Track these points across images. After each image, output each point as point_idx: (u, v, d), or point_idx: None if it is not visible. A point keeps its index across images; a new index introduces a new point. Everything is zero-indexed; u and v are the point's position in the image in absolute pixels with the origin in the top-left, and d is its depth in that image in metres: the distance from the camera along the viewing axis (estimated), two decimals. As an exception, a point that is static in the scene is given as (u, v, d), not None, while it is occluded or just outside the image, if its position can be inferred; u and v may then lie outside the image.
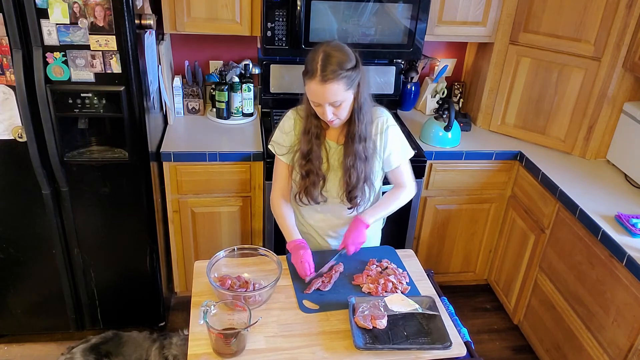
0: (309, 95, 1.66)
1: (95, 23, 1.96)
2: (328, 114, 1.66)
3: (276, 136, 1.86)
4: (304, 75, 1.65)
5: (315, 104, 1.66)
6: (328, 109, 1.65)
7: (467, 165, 2.74)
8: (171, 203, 2.59)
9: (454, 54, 3.17)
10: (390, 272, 1.79)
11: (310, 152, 1.76)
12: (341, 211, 1.91)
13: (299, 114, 1.82)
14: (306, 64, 1.65)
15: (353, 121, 1.73)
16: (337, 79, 1.59)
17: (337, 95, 1.62)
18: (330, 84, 1.59)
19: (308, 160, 1.77)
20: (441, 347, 1.51)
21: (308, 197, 1.81)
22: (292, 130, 1.82)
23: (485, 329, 2.91)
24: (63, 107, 2.08)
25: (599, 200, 2.32)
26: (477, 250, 3.03)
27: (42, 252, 2.37)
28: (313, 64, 1.61)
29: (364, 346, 1.49)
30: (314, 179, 1.78)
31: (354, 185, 1.79)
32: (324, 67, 1.59)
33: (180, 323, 2.74)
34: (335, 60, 1.60)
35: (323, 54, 1.61)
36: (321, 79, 1.59)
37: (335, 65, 1.59)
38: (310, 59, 1.63)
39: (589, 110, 2.62)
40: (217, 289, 1.59)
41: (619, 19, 2.39)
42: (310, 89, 1.63)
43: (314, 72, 1.60)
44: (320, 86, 1.60)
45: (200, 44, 2.88)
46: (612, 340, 2.09)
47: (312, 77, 1.60)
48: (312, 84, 1.61)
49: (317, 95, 1.62)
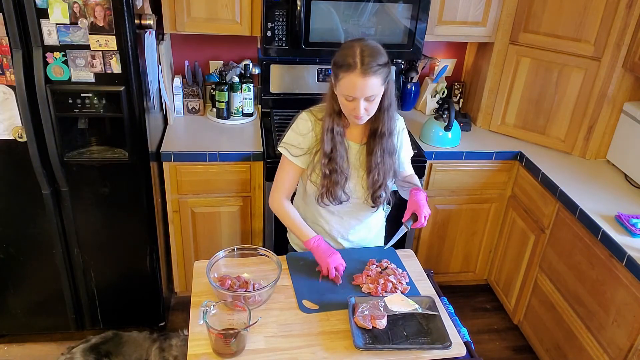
0: (344, 90, 1.62)
1: (95, 23, 1.96)
2: (361, 109, 1.64)
3: (290, 138, 1.81)
4: (339, 69, 1.61)
5: (349, 98, 1.63)
6: (362, 103, 1.63)
7: (467, 165, 2.74)
8: (171, 203, 2.59)
9: (454, 54, 3.17)
10: (390, 272, 1.78)
11: (333, 150, 1.74)
12: (358, 212, 1.90)
13: (314, 115, 1.79)
14: (339, 58, 1.62)
15: (380, 118, 1.73)
16: (377, 73, 1.60)
17: (374, 88, 1.62)
18: (371, 77, 1.59)
19: (331, 159, 1.74)
20: (441, 347, 1.51)
21: (331, 197, 1.79)
22: (310, 132, 1.78)
23: (485, 329, 2.91)
24: (63, 107, 2.08)
25: (599, 200, 2.32)
26: (477, 250, 3.03)
27: (42, 252, 2.37)
28: (351, 57, 1.59)
29: (364, 346, 1.49)
30: (336, 178, 1.76)
31: (381, 182, 1.80)
32: (364, 60, 1.58)
33: (180, 323, 2.75)
34: (374, 54, 1.60)
35: (360, 49, 1.59)
36: (362, 72, 1.58)
37: (374, 59, 1.59)
38: (346, 54, 1.60)
39: (589, 110, 2.62)
40: (217, 289, 1.59)
41: (619, 19, 2.39)
42: (348, 82, 1.60)
43: (354, 65, 1.58)
44: (360, 79, 1.58)
45: (200, 44, 2.88)
46: (612, 340, 2.09)
47: (351, 70, 1.58)
48: (351, 77, 1.59)
49: (356, 88, 1.60)
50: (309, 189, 1.86)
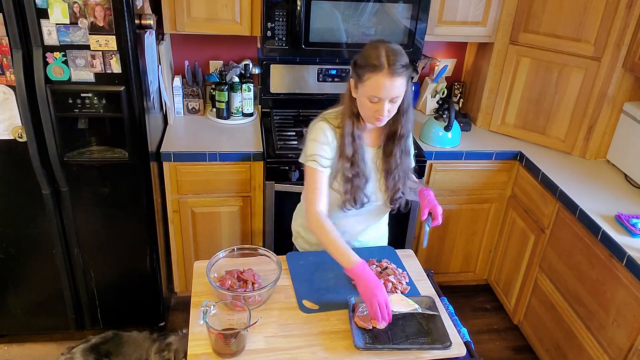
0: (370, 91, 1.61)
1: (95, 23, 1.96)
2: (385, 110, 1.64)
3: (316, 149, 1.73)
4: (364, 69, 1.60)
5: (374, 99, 1.62)
6: (386, 105, 1.63)
7: (467, 165, 2.74)
8: (171, 203, 2.59)
9: (454, 54, 3.17)
10: (390, 272, 1.78)
11: (355, 154, 1.73)
12: (372, 215, 1.91)
13: (331, 124, 1.76)
14: (363, 59, 1.61)
15: (399, 120, 1.73)
16: (402, 74, 1.60)
17: (400, 89, 1.62)
18: (398, 78, 1.59)
19: (353, 163, 1.73)
20: (441, 347, 1.51)
21: (354, 202, 1.77)
22: (334, 141, 1.75)
23: (485, 329, 2.92)
24: (63, 107, 2.08)
25: (599, 200, 2.32)
26: (477, 250, 3.03)
27: (42, 252, 2.37)
28: (377, 58, 1.58)
29: (364, 346, 1.49)
30: (358, 182, 1.75)
31: (402, 183, 1.82)
32: (390, 61, 1.57)
33: (180, 323, 2.75)
34: (399, 55, 1.59)
35: (385, 50, 1.59)
36: (389, 73, 1.57)
37: (399, 59, 1.59)
38: (371, 55, 1.59)
39: (589, 110, 2.62)
40: (217, 289, 1.59)
41: (619, 19, 2.39)
42: (375, 83, 1.59)
43: (381, 66, 1.57)
44: (388, 80, 1.58)
45: (200, 44, 2.88)
46: (612, 340, 2.09)
47: (379, 71, 1.57)
48: (378, 78, 1.58)
49: (383, 89, 1.59)
50: (332, 196, 1.79)
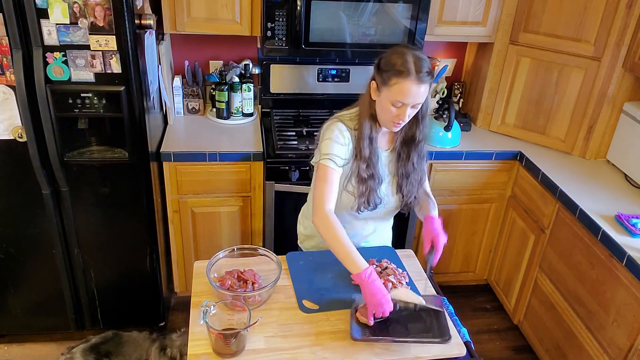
0: (396, 96, 1.60)
1: (95, 23, 1.96)
2: (407, 115, 1.65)
3: (333, 149, 1.73)
4: (391, 75, 1.59)
5: (398, 104, 1.62)
6: (408, 110, 1.64)
7: (467, 165, 2.74)
8: (171, 203, 2.59)
9: (454, 54, 3.17)
10: (390, 272, 1.78)
11: (372, 156, 1.74)
12: (382, 217, 1.92)
13: (347, 126, 1.76)
14: (389, 64, 1.60)
15: (417, 125, 1.75)
16: (428, 81, 1.61)
17: (424, 96, 1.63)
18: (425, 85, 1.60)
19: (368, 165, 1.74)
20: (439, 340, 1.50)
21: (368, 203, 1.78)
22: (350, 142, 1.75)
23: (485, 329, 2.92)
24: (63, 107, 2.08)
25: (599, 200, 2.32)
26: (477, 250, 3.03)
27: (42, 252, 2.37)
28: (404, 64, 1.58)
29: (361, 338, 1.50)
30: (373, 184, 1.76)
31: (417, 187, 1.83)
32: (419, 68, 1.58)
33: (180, 323, 2.75)
34: (425, 62, 1.60)
35: (413, 56, 1.59)
36: (417, 79, 1.58)
37: (427, 67, 1.60)
38: (398, 60, 1.59)
39: (589, 110, 2.62)
40: (217, 289, 1.59)
41: (619, 19, 2.39)
42: (402, 88, 1.59)
43: (409, 72, 1.57)
44: (416, 86, 1.58)
45: (200, 44, 2.88)
46: (612, 340, 2.09)
47: (407, 77, 1.58)
48: (405, 84, 1.58)
49: (409, 95, 1.60)
50: (345, 198, 1.80)
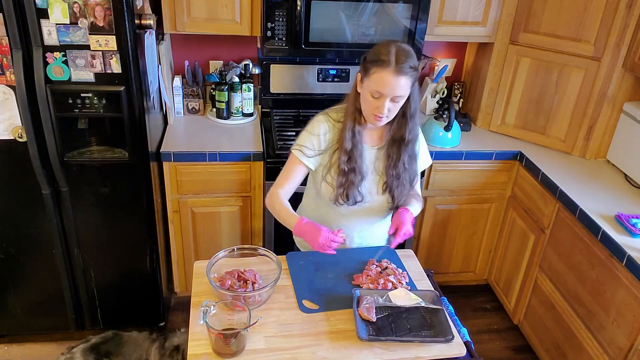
0: (374, 85, 1.61)
1: (95, 23, 1.96)
2: (385, 108, 1.64)
3: (303, 140, 1.80)
4: (372, 64, 1.61)
5: (376, 95, 1.62)
6: (387, 103, 1.63)
7: (467, 165, 2.74)
8: (171, 203, 2.59)
9: (454, 54, 3.17)
10: (390, 272, 1.78)
11: (353, 149, 1.74)
12: (369, 215, 1.91)
13: (331, 117, 1.79)
14: (373, 55, 1.62)
15: (406, 124, 1.74)
16: (408, 74, 1.60)
17: (403, 89, 1.62)
18: (403, 77, 1.59)
19: (350, 157, 1.74)
20: (443, 340, 1.52)
21: (347, 197, 1.78)
22: (326, 134, 1.78)
23: (485, 329, 2.92)
24: (63, 107, 2.08)
25: (599, 200, 2.32)
26: (477, 250, 3.03)
27: (42, 252, 2.37)
28: (385, 55, 1.59)
29: (367, 337, 1.50)
30: (353, 178, 1.76)
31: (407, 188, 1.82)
32: (400, 59, 1.58)
33: (180, 323, 2.75)
34: (408, 55, 1.60)
35: (396, 48, 1.60)
36: (396, 70, 1.58)
37: (409, 60, 1.60)
38: (380, 51, 1.60)
39: (589, 110, 2.62)
40: (217, 289, 1.59)
41: (619, 19, 2.39)
42: (380, 78, 1.60)
43: (388, 62, 1.58)
44: (393, 77, 1.58)
45: (200, 44, 2.88)
46: (612, 340, 2.09)
47: (385, 67, 1.58)
48: (383, 74, 1.59)
49: (386, 85, 1.60)
50: (324, 189, 1.84)
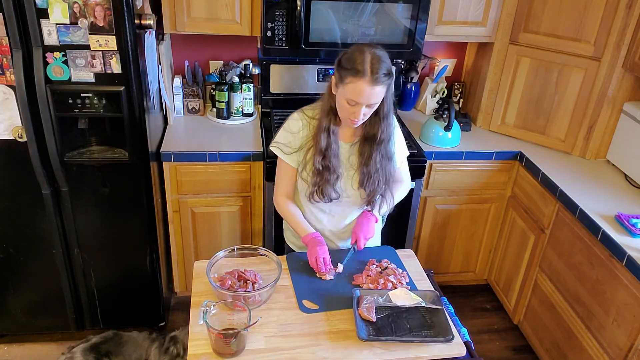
0: (349, 94, 1.62)
1: (95, 23, 1.96)
2: (361, 114, 1.66)
3: (281, 137, 1.85)
4: (347, 72, 1.61)
5: (352, 103, 1.64)
6: (363, 109, 1.65)
7: (467, 165, 2.74)
8: (171, 203, 2.59)
9: (454, 54, 3.17)
10: (390, 272, 1.79)
11: (328, 148, 1.75)
12: (349, 211, 1.92)
13: (306, 115, 1.82)
14: (348, 62, 1.61)
15: (379, 124, 1.74)
16: (384, 83, 1.61)
17: (378, 97, 1.64)
18: (379, 86, 1.61)
19: (325, 156, 1.76)
20: (443, 340, 1.52)
21: (322, 194, 1.81)
22: (300, 131, 1.82)
23: (485, 329, 2.92)
24: (63, 107, 2.08)
25: (599, 200, 2.32)
26: (477, 250, 3.03)
27: (42, 252, 2.37)
28: (361, 64, 1.59)
29: (367, 337, 1.50)
30: (328, 176, 1.78)
31: (381, 188, 1.82)
32: (375, 69, 1.58)
33: (180, 323, 2.74)
34: (384, 64, 1.61)
35: (371, 56, 1.60)
36: (371, 81, 1.59)
37: (384, 68, 1.60)
38: (356, 59, 1.60)
39: (589, 110, 2.62)
40: (217, 289, 1.59)
41: (619, 19, 2.39)
42: (355, 88, 1.60)
43: (363, 73, 1.58)
44: (368, 87, 1.59)
45: (200, 44, 2.88)
46: (612, 340, 2.09)
47: (361, 77, 1.59)
48: (359, 84, 1.59)
49: (362, 95, 1.61)
50: (299, 186, 1.90)
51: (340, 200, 1.86)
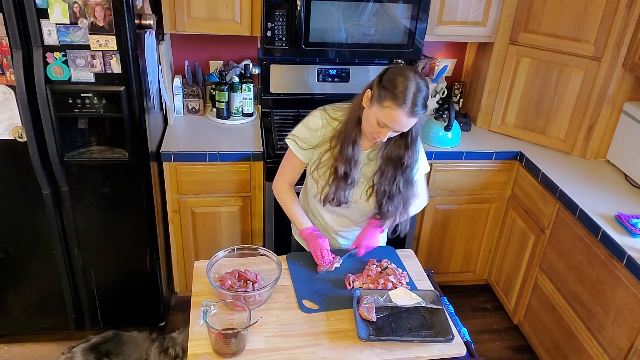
0: (384, 118, 1.60)
1: (95, 23, 1.96)
2: (386, 136, 1.66)
3: (299, 131, 1.84)
4: (387, 96, 1.57)
5: (382, 125, 1.62)
6: (390, 133, 1.65)
7: (467, 165, 2.74)
8: (171, 203, 2.59)
9: (454, 54, 3.17)
10: (390, 272, 1.79)
11: (353, 157, 1.74)
12: (355, 216, 1.91)
13: (328, 115, 1.80)
14: (392, 85, 1.58)
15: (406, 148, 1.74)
16: (421, 114, 1.61)
17: (410, 126, 1.65)
18: (414, 118, 1.61)
19: (347, 164, 1.74)
20: (443, 339, 1.52)
21: (334, 199, 1.80)
22: (319, 130, 1.80)
23: (485, 329, 2.92)
24: (63, 107, 2.08)
25: (599, 200, 2.32)
26: (477, 250, 3.03)
27: (42, 252, 2.37)
28: (404, 92, 1.56)
29: (367, 337, 1.50)
30: (344, 184, 1.77)
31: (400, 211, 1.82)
32: (416, 101, 1.57)
33: (180, 323, 2.75)
34: (425, 96, 1.60)
35: (415, 88, 1.57)
36: (410, 112, 1.58)
37: (424, 101, 1.59)
38: (398, 85, 1.57)
39: (589, 110, 2.62)
40: (217, 289, 1.59)
41: (619, 19, 2.39)
42: (391, 114, 1.58)
43: (404, 102, 1.56)
44: (405, 117, 1.59)
45: (200, 44, 2.88)
46: (612, 340, 2.09)
47: (400, 106, 1.57)
48: (396, 112, 1.58)
49: (397, 123, 1.60)
50: (309, 184, 1.90)
51: (348, 207, 1.85)
